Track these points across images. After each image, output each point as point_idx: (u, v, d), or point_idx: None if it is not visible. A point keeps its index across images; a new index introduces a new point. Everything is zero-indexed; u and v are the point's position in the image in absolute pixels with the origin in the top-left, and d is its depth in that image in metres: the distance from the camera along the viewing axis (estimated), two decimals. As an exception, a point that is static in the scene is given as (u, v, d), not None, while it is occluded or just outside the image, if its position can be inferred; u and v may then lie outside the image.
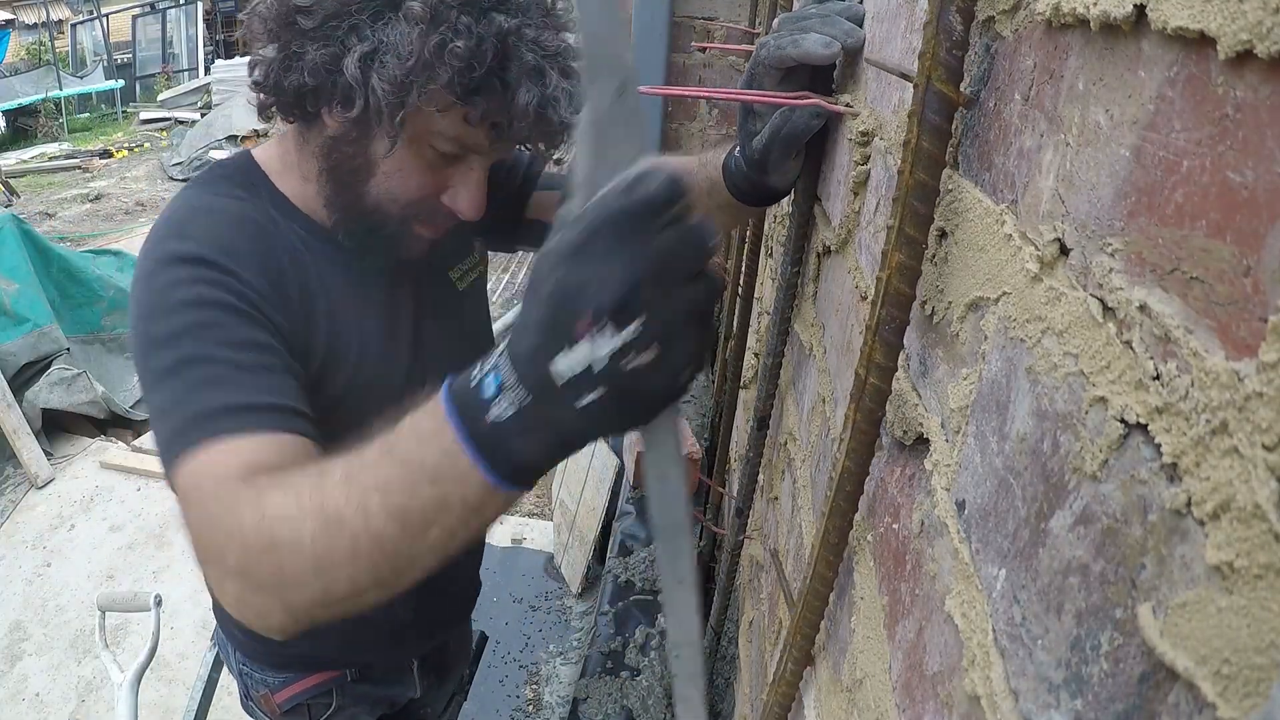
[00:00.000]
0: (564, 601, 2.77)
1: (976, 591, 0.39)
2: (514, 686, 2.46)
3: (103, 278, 4.17)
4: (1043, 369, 0.35)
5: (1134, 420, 0.27)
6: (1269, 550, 0.20)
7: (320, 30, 0.72)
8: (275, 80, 0.75)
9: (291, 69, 0.73)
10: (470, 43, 0.69)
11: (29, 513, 3.25)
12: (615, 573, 1.80)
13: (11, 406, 3.39)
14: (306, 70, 0.73)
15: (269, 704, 1.14)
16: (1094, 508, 0.30)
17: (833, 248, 0.81)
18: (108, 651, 1.73)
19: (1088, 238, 0.32)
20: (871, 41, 0.71)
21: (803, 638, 0.61)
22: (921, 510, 0.48)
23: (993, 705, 0.35)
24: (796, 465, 0.91)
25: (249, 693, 1.17)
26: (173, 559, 3.02)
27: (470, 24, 0.70)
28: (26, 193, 8.34)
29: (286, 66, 0.74)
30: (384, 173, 0.78)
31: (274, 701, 1.13)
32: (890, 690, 0.49)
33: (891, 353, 0.47)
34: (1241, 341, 0.23)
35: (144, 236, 0.80)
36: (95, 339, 4.06)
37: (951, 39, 0.40)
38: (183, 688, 2.39)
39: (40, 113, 11.46)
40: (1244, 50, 0.23)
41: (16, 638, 2.67)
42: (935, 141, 0.42)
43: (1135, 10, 0.29)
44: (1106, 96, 0.31)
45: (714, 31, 2.25)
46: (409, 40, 0.69)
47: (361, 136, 0.77)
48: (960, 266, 0.45)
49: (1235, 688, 0.21)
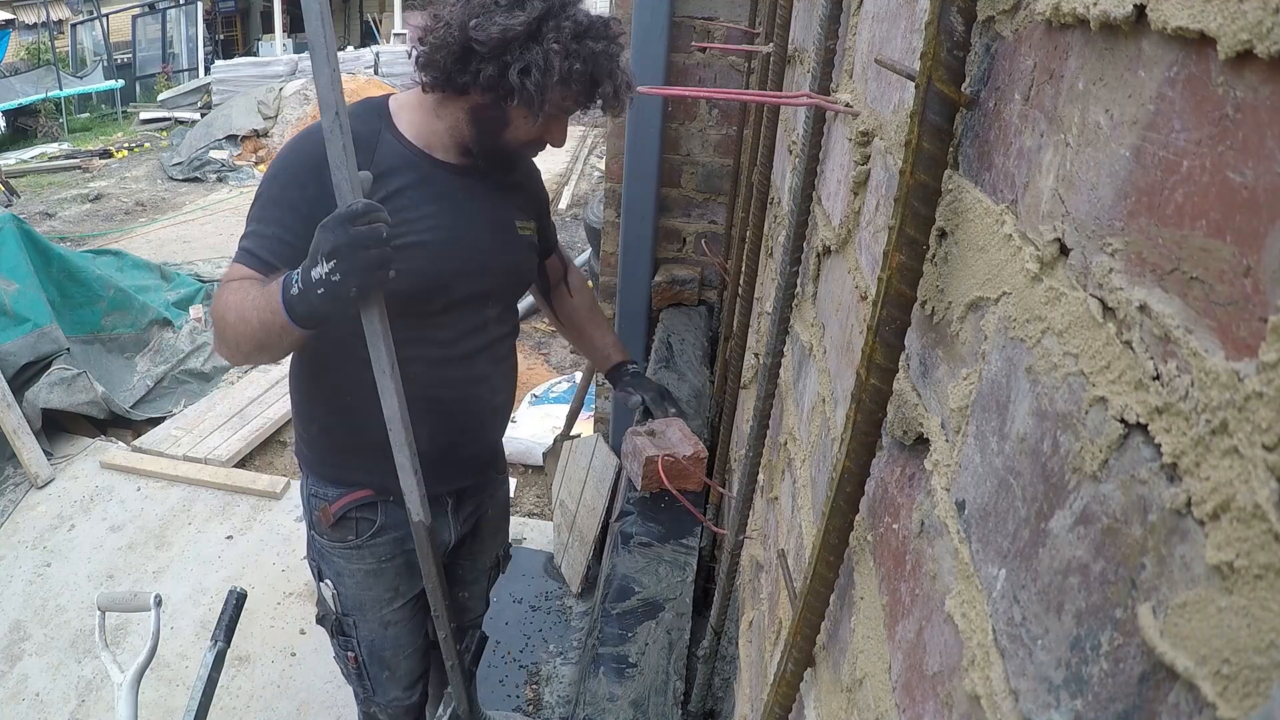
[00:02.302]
0: (564, 601, 2.77)
1: (976, 591, 0.39)
2: (514, 686, 2.46)
3: (103, 278, 4.17)
4: (1043, 369, 0.35)
5: (1134, 420, 0.27)
6: (1269, 550, 0.20)
7: (490, 54, 1.19)
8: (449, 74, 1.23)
9: (466, 71, 1.21)
10: (585, 66, 1.21)
11: (29, 513, 3.25)
12: (614, 572, 1.80)
13: (11, 406, 3.39)
14: (481, 76, 1.20)
15: (325, 516, 1.47)
16: (1094, 508, 0.30)
17: (833, 248, 0.81)
18: (108, 651, 1.73)
19: (1088, 238, 0.32)
20: (872, 41, 0.71)
21: (803, 638, 0.61)
22: (921, 510, 0.48)
23: (993, 705, 0.35)
24: (796, 465, 0.91)
25: (312, 517, 1.51)
26: (173, 559, 3.02)
27: (580, 50, 1.20)
28: (26, 193, 8.33)
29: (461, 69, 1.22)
30: (515, 126, 1.28)
31: (329, 512, 1.46)
32: (890, 690, 0.49)
33: (892, 353, 0.47)
34: (1241, 341, 0.23)
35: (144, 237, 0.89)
36: (95, 339, 4.06)
37: (953, 39, 0.40)
38: (183, 688, 2.39)
39: (40, 113, 11.46)
40: (1244, 50, 0.23)
41: (16, 638, 2.67)
42: (936, 142, 0.42)
43: (1135, 10, 0.29)
44: (1106, 96, 0.31)
45: (714, 31, 2.25)
46: (552, 64, 1.18)
47: (500, 105, 1.25)
48: (960, 266, 0.45)
49: (1235, 688, 0.21)
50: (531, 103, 1.21)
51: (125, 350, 4.21)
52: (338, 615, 1.56)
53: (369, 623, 1.56)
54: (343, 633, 1.57)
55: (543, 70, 1.18)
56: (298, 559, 3.00)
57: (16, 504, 3.28)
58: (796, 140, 1.01)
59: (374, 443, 1.27)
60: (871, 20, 0.72)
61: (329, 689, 2.44)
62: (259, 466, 3.74)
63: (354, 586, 1.52)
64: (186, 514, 3.25)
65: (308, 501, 1.52)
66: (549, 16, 1.19)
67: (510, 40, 1.18)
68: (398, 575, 1.54)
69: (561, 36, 1.19)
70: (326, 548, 1.51)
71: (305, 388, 1.45)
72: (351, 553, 1.49)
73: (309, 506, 1.52)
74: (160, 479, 3.42)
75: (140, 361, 4.22)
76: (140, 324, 4.27)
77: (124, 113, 12.49)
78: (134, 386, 4.08)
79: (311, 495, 1.50)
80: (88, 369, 3.74)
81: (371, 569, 1.51)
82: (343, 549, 1.49)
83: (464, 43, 1.19)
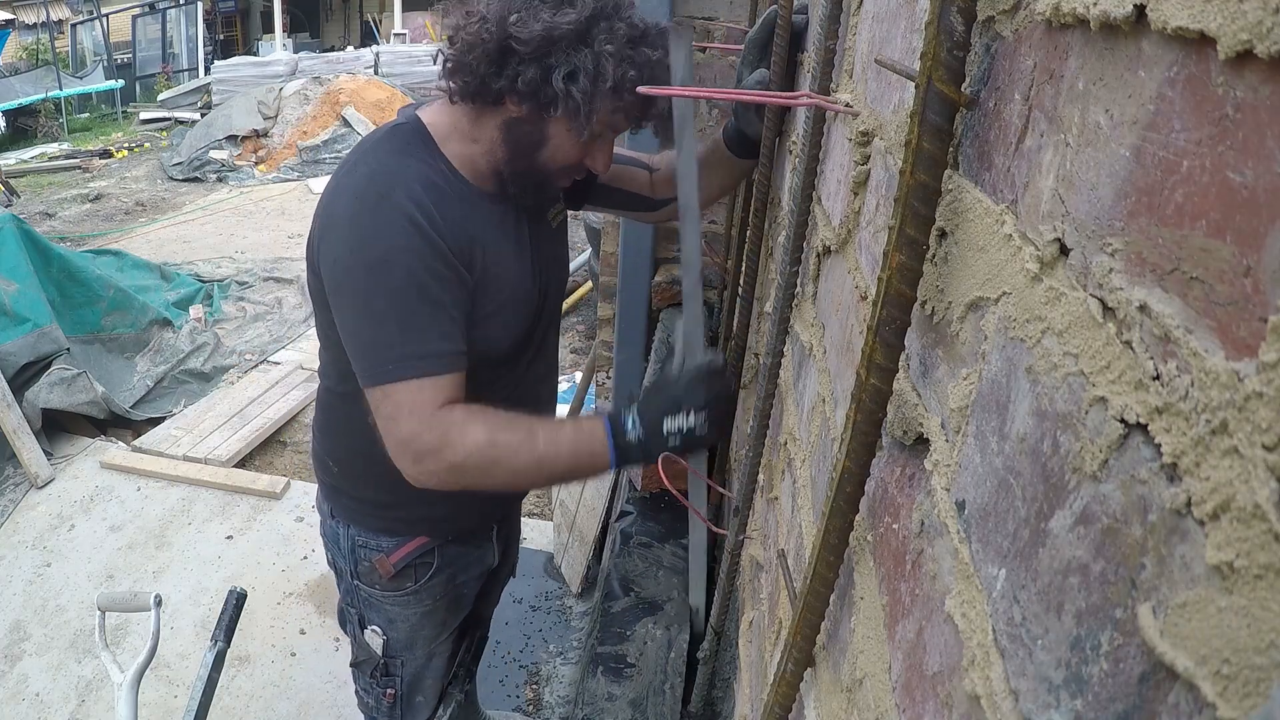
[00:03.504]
0: (564, 601, 2.77)
1: (976, 591, 0.39)
2: (514, 686, 2.46)
3: (103, 278, 4.18)
4: (1043, 369, 0.35)
5: (1134, 420, 0.27)
6: (1269, 550, 0.20)
7: (532, 55, 1.02)
8: (482, 79, 1.05)
9: (502, 75, 1.04)
10: (639, 73, 1.05)
11: (29, 513, 3.25)
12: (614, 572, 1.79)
13: (11, 406, 3.39)
14: (520, 80, 1.03)
15: (383, 566, 1.39)
16: (1094, 508, 0.30)
17: (833, 247, 0.81)
18: (108, 651, 1.73)
19: (1088, 238, 0.32)
20: (872, 41, 0.71)
21: (803, 638, 0.61)
22: (921, 510, 0.48)
23: (993, 705, 0.35)
24: (796, 465, 0.91)
25: (358, 569, 1.41)
26: (173, 559, 3.02)
27: (635, 56, 1.05)
28: (26, 193, 8.33)
29: (497, 73, 1.04)
30: (554, 145, 1.11)
31: (388, 564, 1.38)
32: (890, 690, 0.49)
33: (892, 354, 0.47)
34: (1241, 341, 0.23)
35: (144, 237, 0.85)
36: (95, 339, 4.06)
37: (953, 39, 0.40)
38: (183, 688, 2.39)
39: (40, 113, 11.46)
40: (1244, 50, 0.23)
41: (16, 638, 2.67)
42: (937, 142, 0.42)
43: (1135, 10, 0.29)
44: (1106, 96, 0.31)
45: (714, 31, 2.25)
46: (604, 69, 1.03)
47: (537, 120, 1.08)
48: (960, 266, 0.45)
49: (1235, 688, 0.21)
50: (577, 113, 1.05)
51: (125, 350, 4.21)
52: (384, 659, 1.49)
53: (416, 659, 1.51)
54: (387, 673, 1.51)
55: (592, 76, 1.03)
56: (298, 559, 3.00)
57: (16, 504, 3.28)
58: (796, 140, 1.01)
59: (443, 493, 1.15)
60: (871, 20, 0.72)
61: (329, 689, 2.44)
62: (259, 466, 3.74)
63: (407, 630, 1.47)
64: (186, 514, 3.25)
65: (352, 553, 1.40)
66: (601, 17, 1.04)
67: (556, 40, 1.02)
68: (448, 610, 1.49)
69: (615, 39, 1.03)
70: (378, 597, 1.43)
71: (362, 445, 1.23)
72: (409, 599, 1.43)
73: (353, 558, 1.40)
74: (160, 479, 3.42)
75: (140, 361, 4.23)
76: (140, 324, 4.28)
77: (124, 113, 12.49)
78: (134, 386, 4.08)
79: (359, 547, 1.39)
80: (88, 369, 3.75)
81: (427, 609, 1.46)
82: (398, 596, 1.42)
83: (502, 41, 1.03)
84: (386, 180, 1.08)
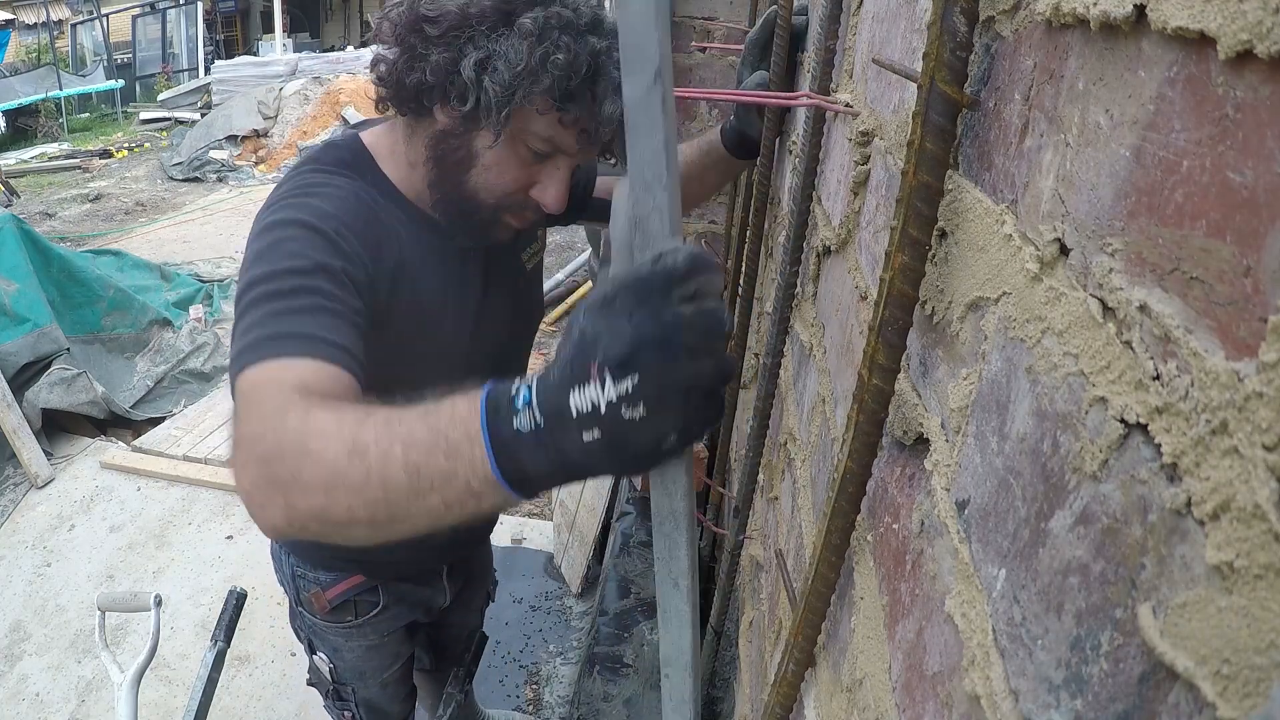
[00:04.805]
0: (564, 601, 2.77)
1: (976, 591, 0.39)
2: (514, 686, 2.46)
3: (103, 278, 4.17)
4: (1043, 369, 0.35)
5: (1134, 420, 0.27)
6: (1269, 550, 0.20)
7: (443, 38, 0.85)
8: (398, 77, 0.88)
9: (414, 68, 0.87)
10: (569, 57, 0.84)
11: (29, 513, 3.25)
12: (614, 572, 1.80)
13: (11, 406, 3.39)
14: (428, 69, 0.86)
15: (319, 600, 1.28)
16: (1094, 508, 0.30)
17: (833, 248, 0.81)
18: (108, 651, 1.73)
19: (1088, 238, 0.32)
20: (872, 41, 0.71)
21: (804, 639, 0.61)
22: (921, 510, 0.48)
23: (993, 705, 0.35)
24: (796, 465, 0.91)
25: (299, 596, 1.31)
26: (173, 559, 3.02)
27: (569, 42, 0.85)
28: (26, 193, 8.33)
29: (410, 66, 0.87)
30: (484, 164, 0.91)
31: (324, 598, 1.28)
32: (890, 690, 0.49)
33: (894, 354, 0.47)
34: (1241, 341, 0.23)
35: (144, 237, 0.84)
36: (95, 339, 4.06)
37: (955, 40, 0.40)
38: (183, 688, 2.39)
39: (40, 113, 11.47)
40: (1244, 50, 0.23)
41: (16, 638, 2.67)
42: (939, 143, 0.42)
43: (1135, 10, 0.29)
44: (1106, 96, 0.31)
45: (714, 31, 2.25)
46: (519, 51, 0.83)
47: (467, 132, 0.90)
48: (960, 266, 0.45)
49: (1235, 688, 0.21)
50: (490, 111, 0.85)
51: (125, 350, 4.21)
52: (334, 684, 1.45)
53: (369, 687, 1.46)
54: (340, 698, 1.48)
55: (511, 64, 0.83)
56: (298, 559, 3.00)
57: (16, 504, 3.28)
58: (796, 140, 1.01)
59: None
60: (871, 20, 0.72)
61: (329, 689, 2.44)
62: (259, 466, 3.74)
63: (354, 660, 1.41)
64: (186, 514, 3.25)
65: (293, 581, 1.32)
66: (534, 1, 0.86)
67: (471, 18, 0.84)
68: (399, 643, 1.44)
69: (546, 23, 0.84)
70: (321, 627, 1.36)
71: None
72: (351, 632, 1.35)
73: (294, 586, 1.32)
74: (160, 479, 3.42)
75: (140, 361, 4.22)
76: (140, 324, 4.27)
77: (124, 113, 12.50)
78: (134, 386, 4.07)
79: (298, 576, 1.31)
80: (88, 369, 3.74)
81: (373, 644, 1.39)
82: (341, 629, 1.35)
83: (413, 23, 0.86)
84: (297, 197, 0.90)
